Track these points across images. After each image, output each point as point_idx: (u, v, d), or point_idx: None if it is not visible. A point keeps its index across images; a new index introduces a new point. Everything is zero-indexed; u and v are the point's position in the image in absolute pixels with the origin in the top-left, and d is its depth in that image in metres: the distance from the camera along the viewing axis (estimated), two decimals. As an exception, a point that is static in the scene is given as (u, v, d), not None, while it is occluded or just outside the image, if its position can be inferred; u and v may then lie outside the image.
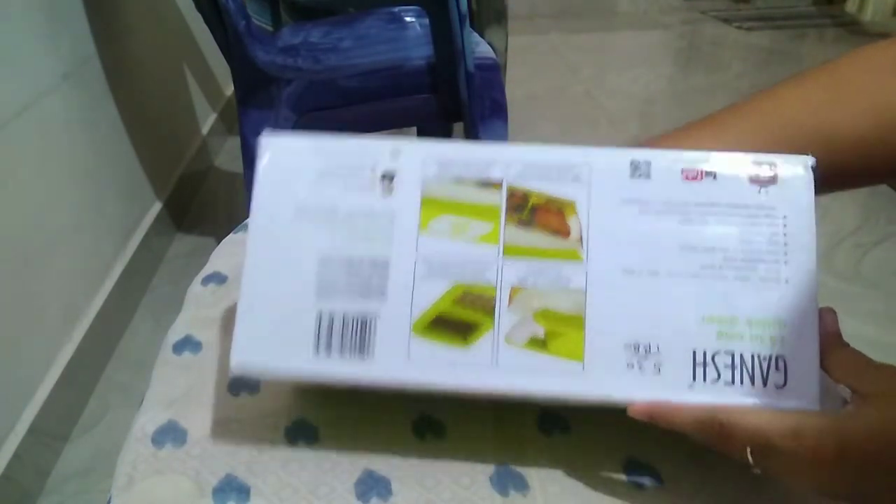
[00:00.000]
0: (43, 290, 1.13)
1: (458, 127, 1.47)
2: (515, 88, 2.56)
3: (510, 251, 0.38)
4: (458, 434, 0.43)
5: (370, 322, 0.38)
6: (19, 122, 1.08)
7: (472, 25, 1.47)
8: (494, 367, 0.37)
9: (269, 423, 0.43)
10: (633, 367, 0.36)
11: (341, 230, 0.39)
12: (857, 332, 0.39)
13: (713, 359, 0.36)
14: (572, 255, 0.38)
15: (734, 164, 0.38)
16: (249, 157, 1.31)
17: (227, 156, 2.11)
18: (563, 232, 0.38)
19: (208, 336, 0.51)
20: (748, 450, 0.32)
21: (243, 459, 0.41)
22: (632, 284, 0.37)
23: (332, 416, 0.44)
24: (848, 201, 1.75)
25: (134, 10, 1.59)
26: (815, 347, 0.36)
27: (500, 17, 2.06)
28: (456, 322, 0.37)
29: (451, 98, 1.31)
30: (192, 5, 1.24)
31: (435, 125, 1.81)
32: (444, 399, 0.45)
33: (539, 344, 0.37)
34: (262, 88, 1.28)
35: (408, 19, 1.48)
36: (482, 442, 0.42)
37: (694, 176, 0.38)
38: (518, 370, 0.37)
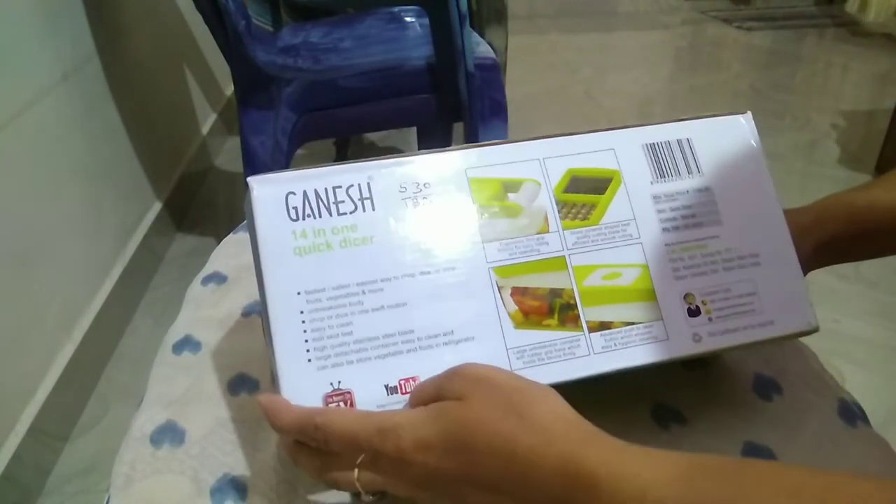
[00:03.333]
0: (43, 290, 1.13)
1: (458, 127, 1.47)
2: (515, 88, 2.57)
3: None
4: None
5: None
6: (19, 122, 1.08)
7: (472, 25, 1.47)
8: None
9: (267, 423, 0.43)
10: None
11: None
12: (857, 332, 0.39)
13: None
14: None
15: None
16: (249, 157, 1.31)
17: (227, 156, 2.11)
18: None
19: (208, 336, 0.51)
20: (357, 465, 0.33)
21: (241, 459, 0.41)
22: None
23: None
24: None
25: (134, 10, 1.59)
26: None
27: (500, 17, 2.06)
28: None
29: (451, 98, 1.31)
30: (192, 5, 1.24)
31: (435, 125, 1.81)
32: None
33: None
34: (262, 88, 1.28)
35: (408, 19, 1.48)
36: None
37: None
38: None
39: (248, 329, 0.51)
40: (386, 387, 0.36)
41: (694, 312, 0.40)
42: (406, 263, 0.37)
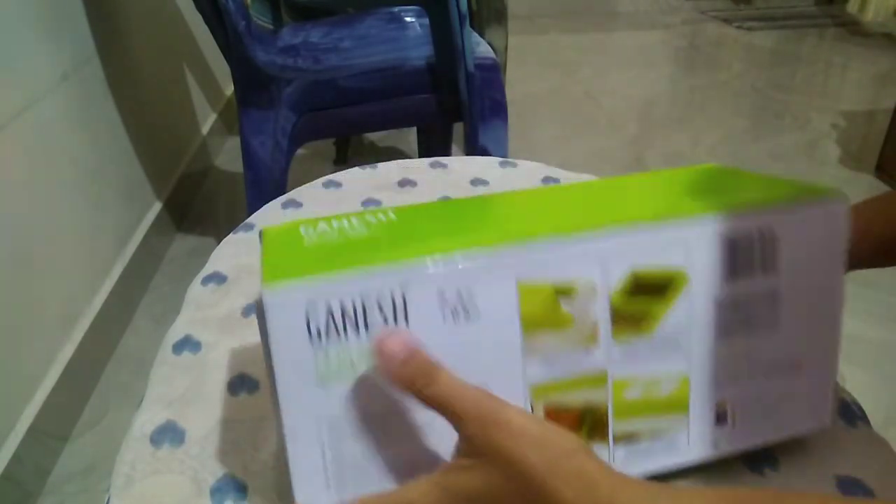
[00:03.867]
0: (43, 290, 1.13)
1: (458, 127, 1.47)
2: (515, 88, 2.57)
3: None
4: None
5: None
6: (19, 122, 1.08)
7: (472, 25, 1.47)
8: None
9: (267, 423, 0.43)
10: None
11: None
12: (857, 332, 0.38)
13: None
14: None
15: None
16: (249, 157, 1.31)
17: (227, 156, 2.11)
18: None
19: (208, 336, 0.51)
20: None
21: (241, 459, 0.41)
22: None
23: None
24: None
25: (134, 10, 1.59)
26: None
27: (500, 17, 2.06)
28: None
29: (451, 98, 1.31)
30: (192, 5, 1.24)
31: (435, 125, 1.81)
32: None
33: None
34: (262, 88, 1.28)
35: (408, 19, 1.48)
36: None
37: None
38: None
39: (248, 329, 0.51)
40: None
41: (721, 419, 0.38)
42: None
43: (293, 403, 0.33)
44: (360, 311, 0.32)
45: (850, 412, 0.44)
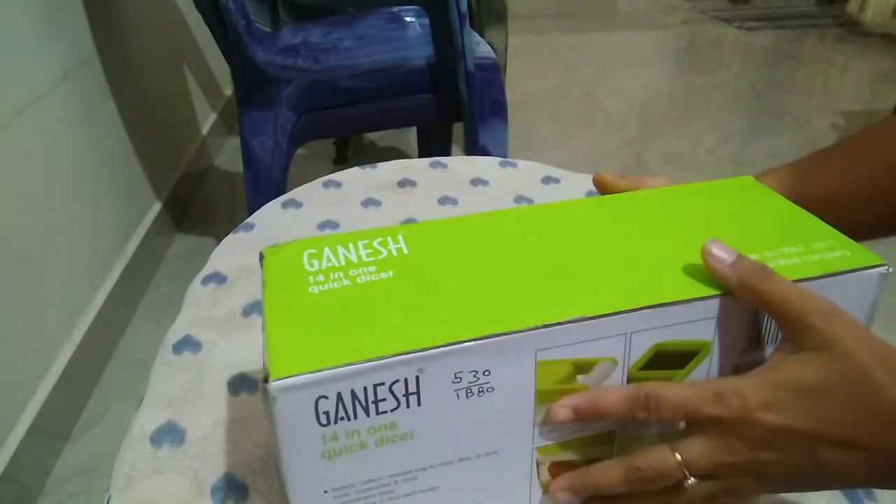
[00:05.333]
0: (43, 290, 1.13)
1: (458, 127, 1.47)
2: (515, 88, 2.57)
3: None
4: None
5: None
6: (19, 121, 1.08)
7: (472, 25, 1.47)
8: None
9: (266, 421, 0.43)
10: None
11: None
12: (857, 332, 0.38)
13: None
14: None
15: None
16: (249, 157, 1.31)
17: (227, 156, 2.11)
18: None
19: (208, 336, 0.51)
20: (681, 423, 0.33)
21: (242, 458, 0.41)
22: None
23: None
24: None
25: (134, 10, 1.59)
26: None
27: (500, 17, 2.06)
28: None
29: (451, 98, 1.31)
30: (192, 5, 1.24)
31: (435, 125, 1.81)
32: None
33: None
34: (262, 88, 1.28)
35: (408, 19, 1.48)
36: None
37: None
38: None
39: (248, 329, 0.51)
40: None
41: None
42: (446, 453, 0.33)
43: (299, 479, 0.32)
44: (371, 396, 0.31)
45: (849, 412, 0.44)
